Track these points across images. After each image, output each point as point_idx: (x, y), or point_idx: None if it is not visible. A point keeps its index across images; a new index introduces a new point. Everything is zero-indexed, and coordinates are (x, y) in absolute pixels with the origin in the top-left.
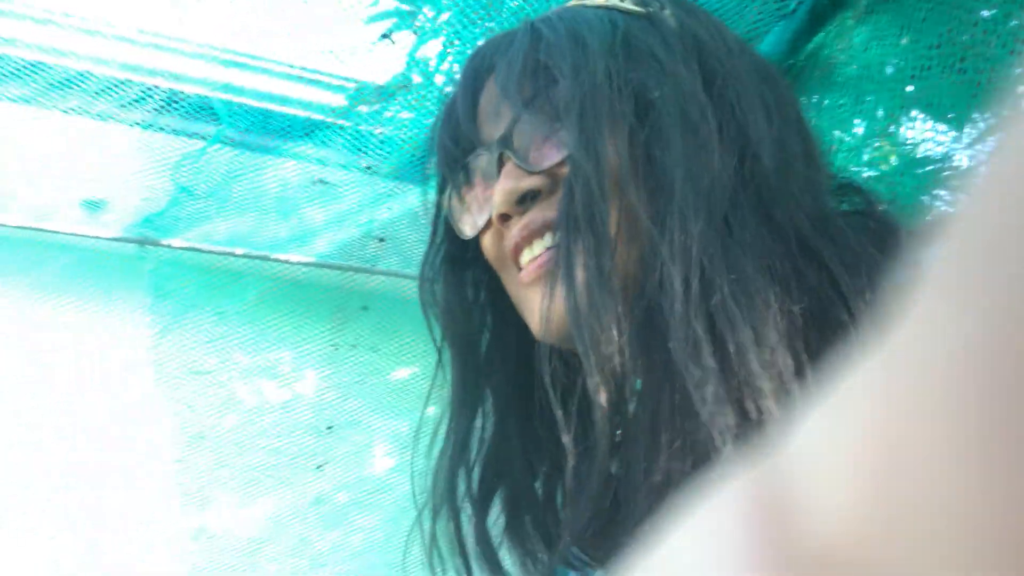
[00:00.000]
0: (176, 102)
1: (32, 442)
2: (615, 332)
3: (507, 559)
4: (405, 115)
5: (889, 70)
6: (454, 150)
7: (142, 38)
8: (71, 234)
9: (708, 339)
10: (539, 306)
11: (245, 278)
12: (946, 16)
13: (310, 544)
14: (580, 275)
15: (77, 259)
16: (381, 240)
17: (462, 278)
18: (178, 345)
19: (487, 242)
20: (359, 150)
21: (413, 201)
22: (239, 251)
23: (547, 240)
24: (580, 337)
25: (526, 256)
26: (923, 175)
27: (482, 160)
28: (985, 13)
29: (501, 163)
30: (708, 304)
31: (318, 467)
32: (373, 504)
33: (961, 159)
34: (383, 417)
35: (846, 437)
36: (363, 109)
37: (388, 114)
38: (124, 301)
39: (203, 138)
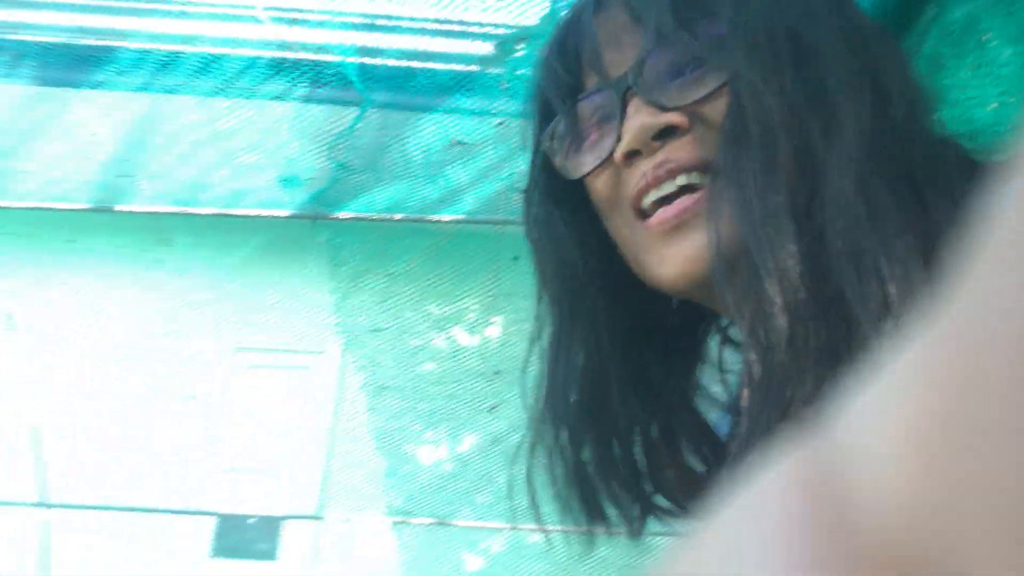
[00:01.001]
0: (322, 75)
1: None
2: (793, 256)
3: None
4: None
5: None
6: (568, 81)
7: (285, 15)
8: (256, 216)
9: (875, 274)
10: (682, 249)
11: (406, 240)
12: None
13: (493, 480)
14: (753, 203)
15: (264, 239)
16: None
17: (563, 218)
18: (357, 306)
19: (599, 183)
20: (488, 111)
21: None
22: (397, 216)
23: (680, 180)
24: (762, 260)
25: (652, 196)
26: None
27: (600, 96)
28: None
29: (625, 99)
30: (873, 239)
31: (491, 409)
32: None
33: None
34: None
35: (901, 413)
36: (518, 52)
37: (520, 72)
38: (308, 270)
39: (355, 104)
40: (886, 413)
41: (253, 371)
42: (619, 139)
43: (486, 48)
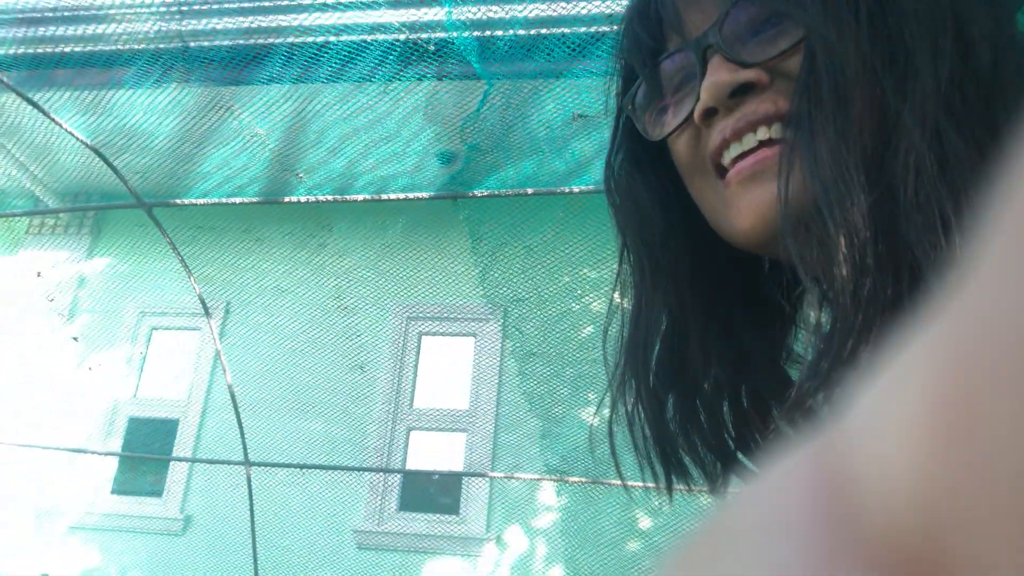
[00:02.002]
0: (446, 57)
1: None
2: (861, 209)
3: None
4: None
5: None
6: (650, 43)
7: None
8: (402, 200)
9: (943, 226)
10: (755, 199)
11: (540, 213)
12: None
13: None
14: (824, 155)
15: (410, 220)
16: None
17: (645, 181)
18: (500, 278)
19: (680, 144)
20: (607, 78)
21: None
22: (530, 191)
23: (760, 134)
24: (830, 212)
25: (733, 151)
26: None
27: (680, 56)
28: None
29: (705, 59)
30: (943, 191)
31: None
32: None
33: None
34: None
35: (913, 407)
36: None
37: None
38: (452, 246)
39: (476, 78)
40: (898, 407)
41: (425, 339)
42: (698, 98)
43: (603, 10)
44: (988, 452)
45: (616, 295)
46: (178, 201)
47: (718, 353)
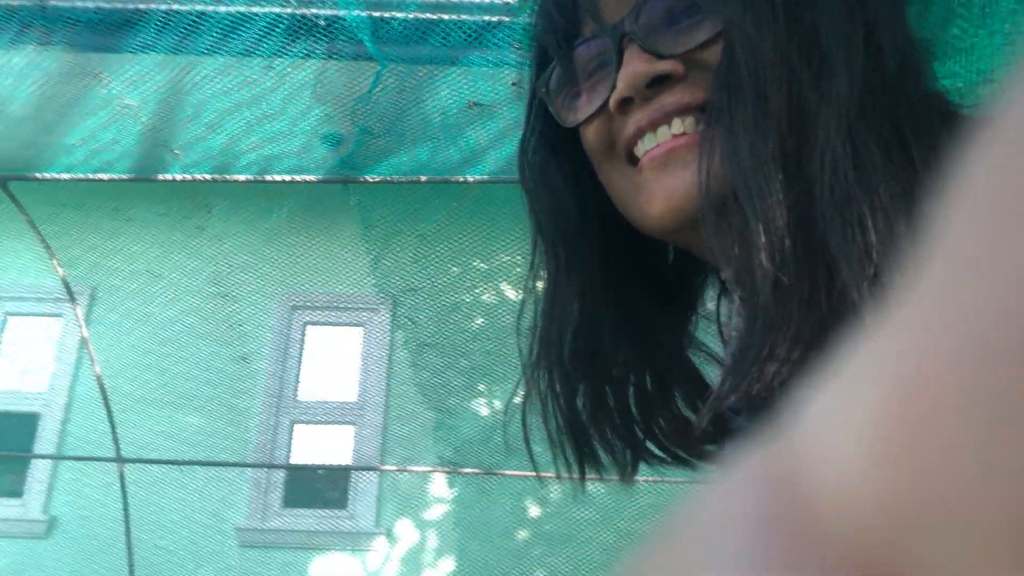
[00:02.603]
0: (337, 34)
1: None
2: (779, 203)
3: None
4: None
5: None
6: (565, 26)
7: None
8: (288, 182)
9: (859, 223)
10: (667, 186)
11: (434, 202)
12: None
13: (533, 433)
14: (743, 147)
15: (297, 204)
16: None
17: (559, 166)
18: (391, 267)
19: (592, 131)
20: (502, 67)
21: None
22: (423, 178)
23: (675, 127)
24: (749, 205)
25: (647, 143)
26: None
27: (596, 42)
28: None
29: (621, 48)
30: (859, 189)
31: None
32: None
33: None
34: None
35: (867, 410)
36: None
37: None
38: (343, 232)
39: (369, 59)
40: (854, 409)
41: (311, 329)
42: (614, 87)
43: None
44: (942, 456)
45: (531, 281)
46: (38, 175)
47: (628, 340)
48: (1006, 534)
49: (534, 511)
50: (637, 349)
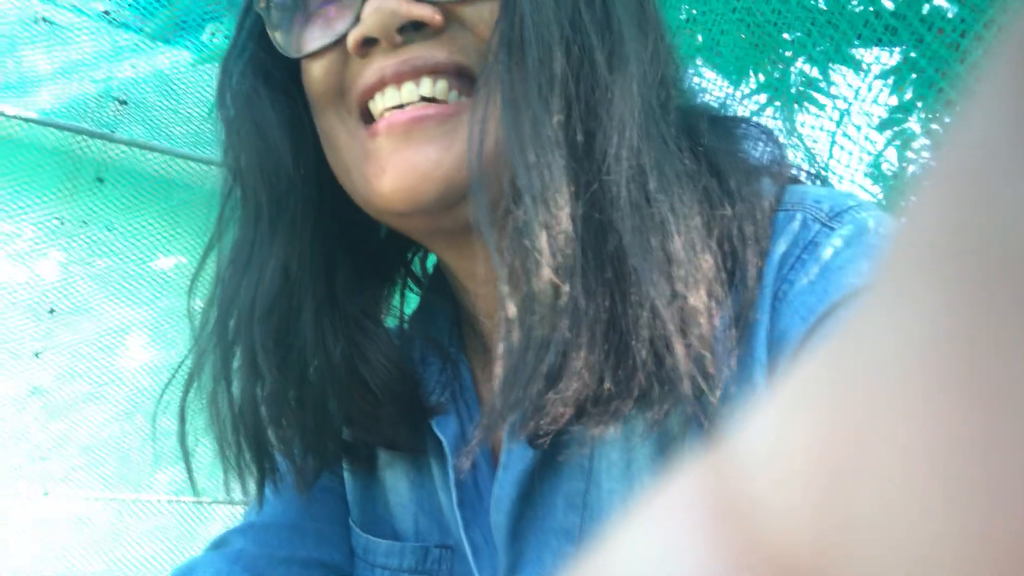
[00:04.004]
0: None
1: None
2: (566, 199)
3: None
4: None
5: (684, 15)
6: None
7: None
8: None
9: (661, 228)
10: (406, 162)
11: None
12: None
13: (27, 436)
14: (524, 119)
15: None
16: (123, 103)
17: (274, 100)
18: None
19: (321, 69)
20: None
21: (164, 63)
22: None
23: (424, 88)
24: (528, 187)
25: (389, 99)
26: None
27: None
28: None
29: None
30: (659, 187)
31: (36, 354)
32: (103, 396)
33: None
34: (116, 304)
35: (801, 434)
36: None
37: None
38: None
39: None
40: (786, 432)
41: None
42: (357, 20)
43: None
44: (879, 484)
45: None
46: None
47: (329, 318)
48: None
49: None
50: (340, 330)
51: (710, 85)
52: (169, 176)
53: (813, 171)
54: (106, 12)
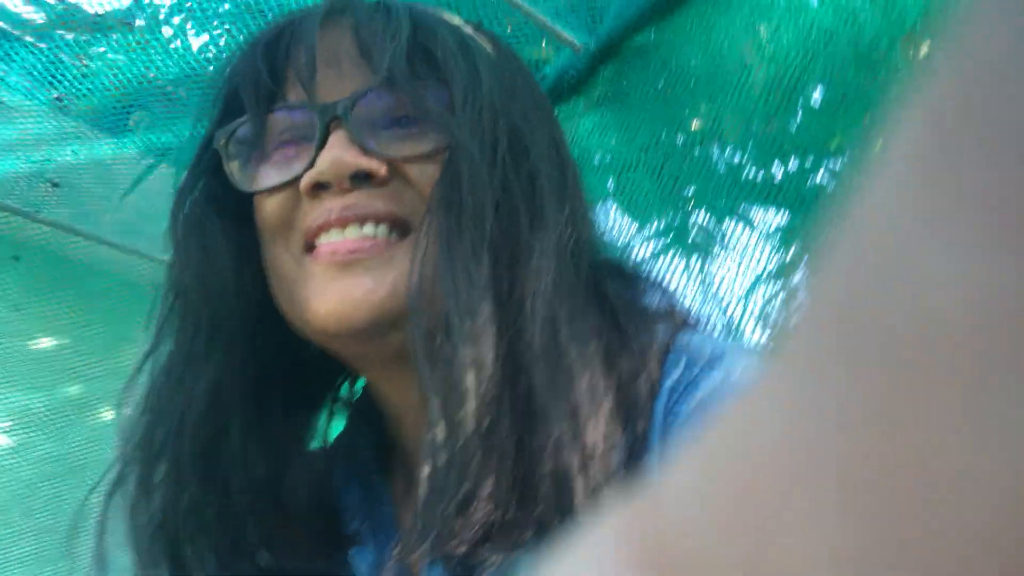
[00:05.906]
0: None
1: None
2: (490, 340)
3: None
4: (118, 57)
5: (597, 161)
6: (268, 84)
7: None
8: None
9: (567, 373)
10: (344, 288)
11: None
12: (658, 124)
13: None
14: (458, 265)
15: None
16: (55, 185)
17: (224, 229)
18: None
19: (274, 205)
20: (52, 77)
21: (105, 152)
22: None
23: (367, 230)
24: (459, 325)
25: (333, 237)
26: None
27: (300, 114)
28: (695, 123)
29: (329, 128)
30: (568, 336)
31: None
32: None
33: (644, 254)
34: (11, 388)
35: (717, 496)
36: (66, 34)
37: (100, 49)
38: None
39: None
40: (712, 482)
41: None
42: (310, 166)
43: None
44: (797, 537)
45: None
46: None
47: (255, 439)
48: None
49: None
50: (265, 450)
51: (619, 225)
52: (88, 262)
53: (704, 315)
54: (58, 98)
